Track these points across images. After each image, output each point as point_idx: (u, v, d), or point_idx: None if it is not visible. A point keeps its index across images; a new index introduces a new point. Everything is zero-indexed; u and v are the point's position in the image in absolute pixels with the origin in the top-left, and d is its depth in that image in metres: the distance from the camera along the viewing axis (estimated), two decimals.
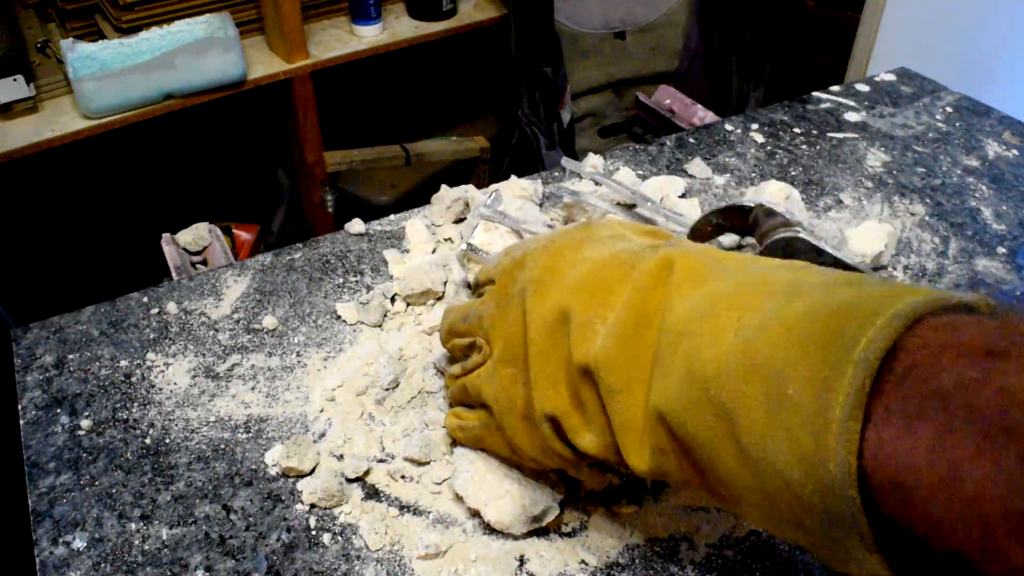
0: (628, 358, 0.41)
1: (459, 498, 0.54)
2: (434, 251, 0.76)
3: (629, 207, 0.77)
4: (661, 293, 0.42)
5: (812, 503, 0.32)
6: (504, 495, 0.52)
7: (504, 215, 0.70)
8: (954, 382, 0.28)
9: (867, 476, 0.30)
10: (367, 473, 0.57)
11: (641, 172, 0.86)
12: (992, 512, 0.27)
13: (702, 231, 0.69)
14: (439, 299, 0.71)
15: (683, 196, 0.82)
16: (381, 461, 0.58)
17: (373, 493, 0.56)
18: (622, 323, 0.42)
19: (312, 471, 0.57)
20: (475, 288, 0.56)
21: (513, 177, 0.80)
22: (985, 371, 0.28)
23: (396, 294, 0.71)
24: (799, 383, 0.32)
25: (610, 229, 0.50)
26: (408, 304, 0.70)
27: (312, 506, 0.55)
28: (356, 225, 0.80)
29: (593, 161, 0.86)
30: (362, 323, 0.69)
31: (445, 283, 0.71)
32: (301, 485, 0.56)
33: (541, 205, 0.80)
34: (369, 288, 0.73)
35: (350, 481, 0.57)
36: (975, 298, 0.32)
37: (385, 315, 0.70)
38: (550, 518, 0.52)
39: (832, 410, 0.31)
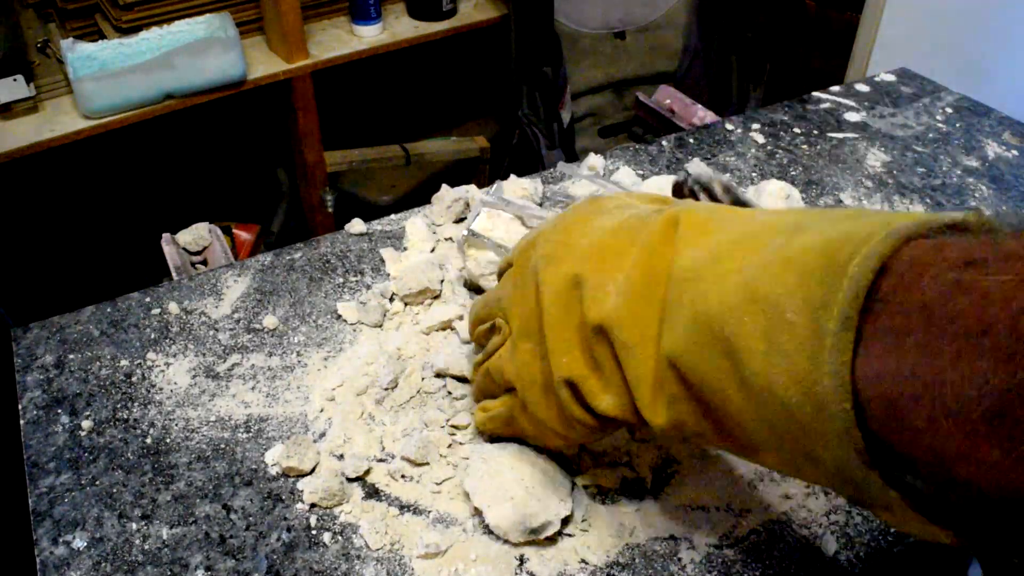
0: (639, 313, 0.42)
1: (465, 495, 0.54)
2: (433, 250, 0.76)
3: None
4: (669, 248, 0.42)
5: (813, 428, 0.33)
6: (508, 500, 0.52)
7: (507, 201, 0.70)
8: (936, 293, 0.29)
9: (858, 393, 0.31)
10: (367, 472, 0.57)
11: (641, 172, 0.86)
12: (970, 412, 0.27)
13: None
14: (436, 298, 0.71)
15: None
16: (381, 460, 0.58)
17: (373, 492, 0.56)
18: (632, 281, 0.43)
19: (312, 471, 0.57)
20: (499, 277, 0.56)
21: (513, 177, 0.80)
22: (964, 279, 0.29)
23: (394, 294, 0.71)
24: (796, 309, 0.33)
25: (617, 200, 0.50)
26: (406, 304, 0.70)
27: (312, 505, 0.55)
28: (356, 225, 0.80)
29: (592, 161, 0.86)
30: (362, 323, 0.69)
31: (442, 282, 0.71)
32: (302, 485, 0.56)
33: (541, 204, 0.80)
34: (368, 287, 0.73)
35: (350, 480, 0.57)
36: (967, 215, 0.33)
37: (384, 315, 0.70)
38: (548, 532, 0.52)
39: (826, 327, 0.31)
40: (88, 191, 1.75)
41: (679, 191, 0.63)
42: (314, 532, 0.54)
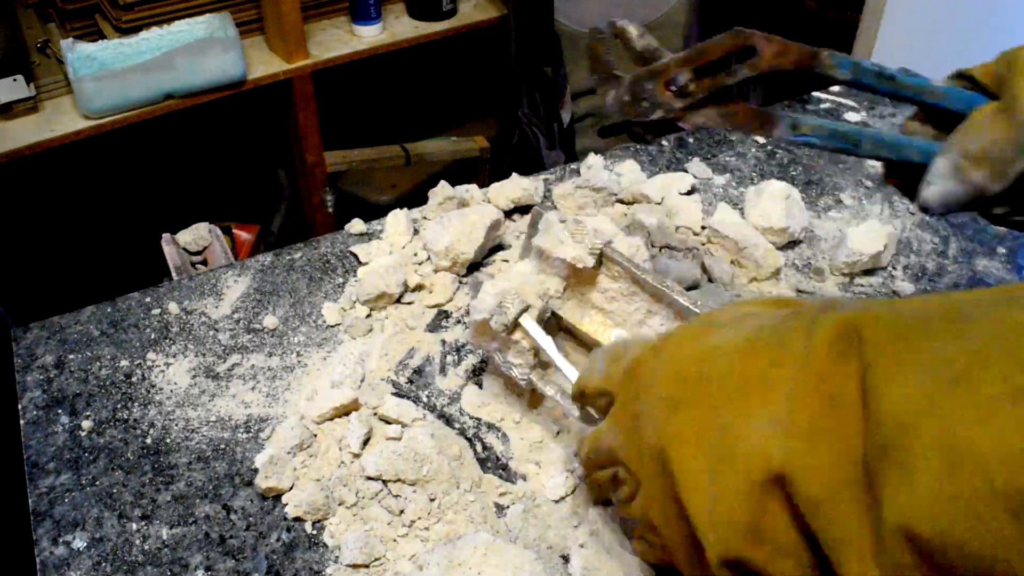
0: (827, 459, 0.33)
1: None
2: (404, 247, 0.75)
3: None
4: (850, 370, 0.33)
5: None
6: None
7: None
8: None
9: None
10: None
11: (643, 172, 0.86)
12: None
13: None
14: (397, 301, 0.70)
15: (688, 193, 0.82)
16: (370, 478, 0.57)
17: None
18: (807, 418, 0.34)
19: (291, 487, 0.56)
20: (580, 400, 0.50)
21: (514, 175, 0.80)
22: None
23: (356, 299, 0.71)
24: None
25: (732, 310, 0.43)
26: (370, 309, 0.70)
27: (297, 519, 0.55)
28: (357, 225, 0.80)
29: (591, 162, 0.86)
30: (340, 325, 0.69)
31: (405, 284, 0.71)
32: (285, 499, 0.56)
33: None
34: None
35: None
36: None
37: (361, 318, 0.69)
38: None
39: None
40: (88, 191, 1.75)
41: (592, 52, 0.53)
42: (314, 533, 0.54)
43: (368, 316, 0.69)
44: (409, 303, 0.71)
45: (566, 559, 0.52)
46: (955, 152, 0.47)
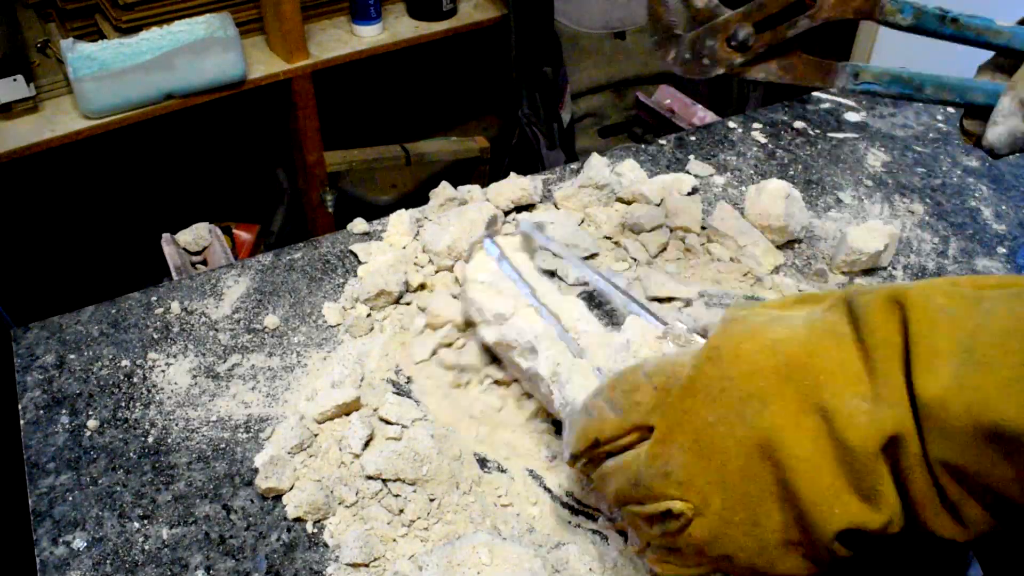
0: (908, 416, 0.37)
1: None
2: (405, 247, 0.76)
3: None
4: (896, 339, 0.38)
5: None
6: None
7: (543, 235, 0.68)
8: None
9: None
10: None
11: (642, 171, 0.86)
12: None
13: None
14: (396, 301, 0.70)
15: (690, 194, 0.82)
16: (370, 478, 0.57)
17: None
18: (889, 390, 0.38)
19: (291, 488, 0.56)
20: (589, 453, 0.47)
21: (512, 175, 0.80)
22: None
23: (356, 299, 0.71)
24: None
25: (764, 312, 0.44)
26: (370, 308, 0.70)
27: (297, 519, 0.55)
28: (359, 225, 0.80)
29: (591, 161, 0.86)
30: (340, 325, 0.69)
31: (405, 284, 0.71)
32: (285, 499, 0.56)
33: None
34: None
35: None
36: None
37: (362, 318, 0.69)
38: None
39: None
40: (88, 191, 1.75)
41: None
42: (314, 532, 0.54)
43: (368, 316, 0.69)
44: (408, 303, 0.71)
45: (566, 559, 0.52)
46: (1019, 89, 0.46)
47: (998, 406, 0.34)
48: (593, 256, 0.75)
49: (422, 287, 0.72)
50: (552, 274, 0.70)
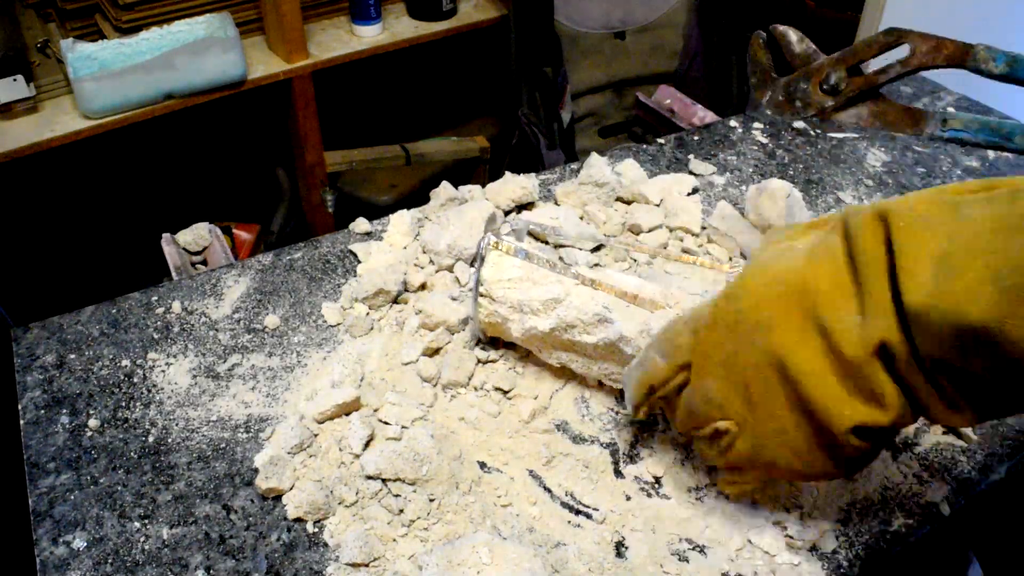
0: (894, 324, 0.42)
1: None
2: (405, 248, 0.75)
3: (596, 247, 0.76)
4: (880, 251, 0.42)
5: None
6: None
7: (537, 225, 0.68)
8: None
9: None
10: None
11: (642, 171, 0.86)
12: None
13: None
14: (394, 301, 0.70)
15: (690, 194, 0.82)
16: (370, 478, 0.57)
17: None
18: (875, 301, 0.42)
19: (291, 488, 0.56)
20: (647, 399, 0.53)
21: (508, 174, 0.80)
22: None
23: (355, 298, 0.71)
24: None
25: (775, 246, 0.49)
26: (369, 307, 0.70)
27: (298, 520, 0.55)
28: (362, 224, 0.80)
29: (592, 161, 0.86)
30: (340, 325, 0.69)
31: (404, 284, 0.71)
32: (285, 499, 0.56)
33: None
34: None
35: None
36: None
37: (361, 317, 0.69)
38: None
39: None
40: (88, 191, 1.75)
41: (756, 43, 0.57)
42: (314, 532, 0.54)
43: (367, 315, 0.69)
44: (405, 302, 0.71)
45: (565, 559, 0.52)
46: None
47: (966, 308, 0.38)
48: (599, 247, 0.75)
49: (423, 287, 0.72)
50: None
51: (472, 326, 0.65)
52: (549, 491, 0.57)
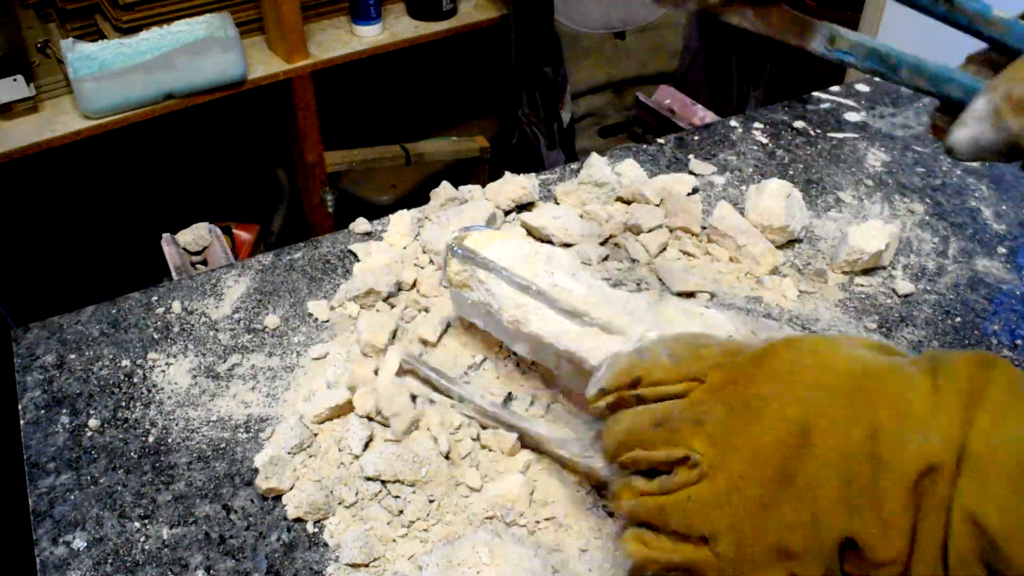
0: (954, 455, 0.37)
1: None
2: (406, 247, 0.75)
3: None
4: (982, 404, 0.37)
5: None
6: None
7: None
8: None
9: None
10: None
11: (642, 171, 0.86)
12: None
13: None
14: (385, 300, 0.70)
15: (690, 194, 0.82)
16: (369, 479, 0.57)
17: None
18: (956, 430, 0.37)
19: (291, 488, 0.56)
20: (627, 388, 0.46)
21: (507, 174, 0.80)
22: None
23: (347, 297, 0.71)
24: None
25: (845, 339, 0.45)
26: (361, 307, 0.70)
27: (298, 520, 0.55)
28: (362, 224, 0.80)
29: (592, 161, 0.86)
30: (329, 322, 0.69)
31: (398, 285, 0.70)
32: (285, 499, 0.56)
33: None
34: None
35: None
36: None
37: (351, 316, 0.69)
38: None
39: None
40: (88, 191, 1.75)
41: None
42: (314, 532, 0.54)
43: (357, 316, 0.69)
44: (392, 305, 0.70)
45: (566, 559, 0.52)
46: (998, 93, 0.42)
47: None
48: (605, 243, 0.73)
49: (413, 285, 0.71)
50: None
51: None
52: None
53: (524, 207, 0.81)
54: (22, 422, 0.61)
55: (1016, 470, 0.35)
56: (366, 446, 0.58)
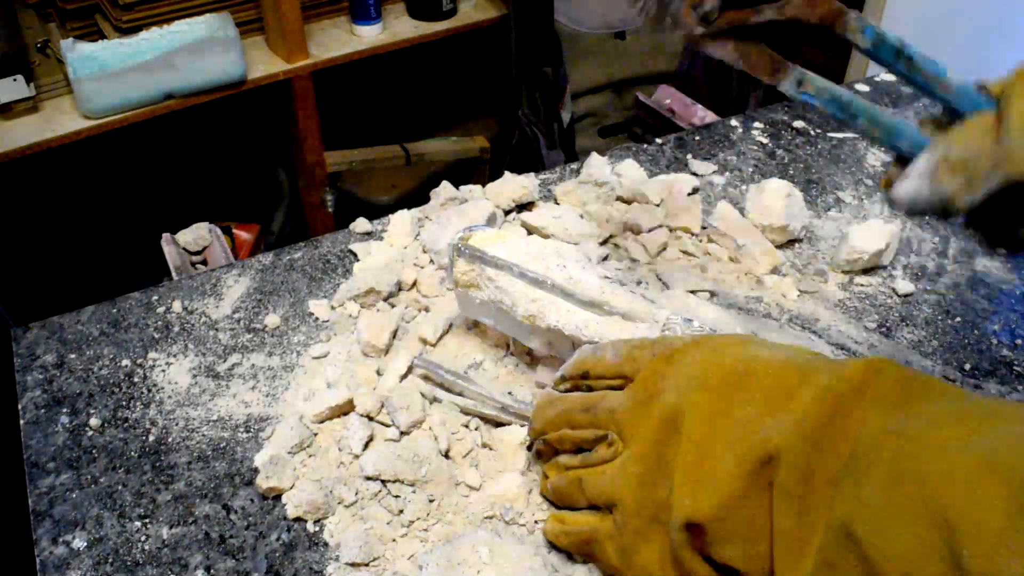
0: (814, 459, 0.39)
1: None
2: (406, 247, 0.75)
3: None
4: (860, 403, 0.39)
5: None
6: None
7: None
8: None
9: None
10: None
11: (642, 171, 0.86)
12: None
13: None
14: (385, 299, 0.70)
15: (690, 194, 0.82)
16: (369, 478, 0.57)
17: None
18: (811, 423, 0.40)
19: (291, 487, 0.56)
20: (578, 379, 0.52)
21: (507, 174, 0.80)
22: None
23: (347, 296, 0.71)
24: None
25: (775, 343, 0.48)
26: (361, 306, 0.70)
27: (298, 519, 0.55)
28: (362, 224, 0.80)
29: (592, 161, 0.86)
30: (329, 321, 0.69)
31: (398, 284, 0.70)
32: (285, 499, 0.56)
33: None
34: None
35: None
36: None
37: (351, 316, 0.69)
38: None
39: None
40: (88, 191, 1.75)
41: None
42: (314, 532, 0.54)
43: (357, 315, 0.69)
44: (393, 305, 0.70)
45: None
46: (937, 153, 0.45)
47: None
48: (605, 243, 0.74)
49: (413, 285, 0.71)
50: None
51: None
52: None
53: (524, 207, 0.81)
54: (22, 422, 0.61)
55: (891, 465, 0.36)
56: (366, 446, 0.58)
